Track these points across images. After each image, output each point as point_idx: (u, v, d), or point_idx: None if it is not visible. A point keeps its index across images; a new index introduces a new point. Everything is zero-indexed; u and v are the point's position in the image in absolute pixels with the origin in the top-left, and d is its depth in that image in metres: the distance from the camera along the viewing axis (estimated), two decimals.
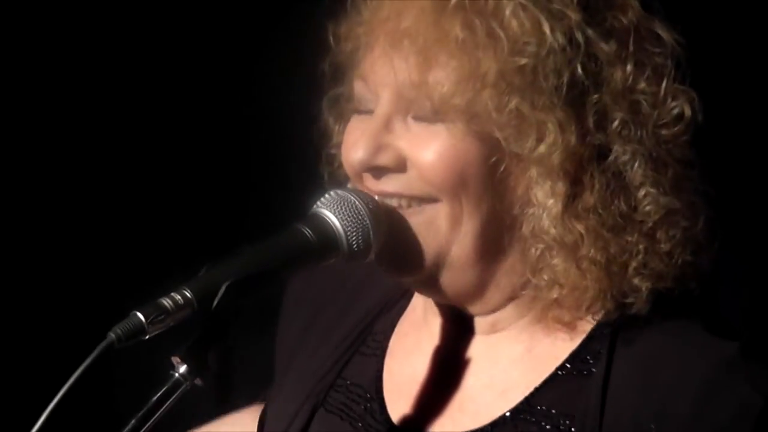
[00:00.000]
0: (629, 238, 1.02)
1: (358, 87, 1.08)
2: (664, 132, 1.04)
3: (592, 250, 1.02)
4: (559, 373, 1.07)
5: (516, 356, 1.11)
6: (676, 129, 1.04)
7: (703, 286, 1.17)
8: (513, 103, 1.01)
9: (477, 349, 1.12)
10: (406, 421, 1.13)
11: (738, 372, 1.00)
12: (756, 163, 2.18)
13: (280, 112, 2.55)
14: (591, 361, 1.06)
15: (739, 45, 2.12)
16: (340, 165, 1.13)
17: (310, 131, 1.18)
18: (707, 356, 1.02)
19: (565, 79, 1.01)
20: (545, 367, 1.08)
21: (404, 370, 1.18)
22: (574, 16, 1.01)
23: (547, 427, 1.05)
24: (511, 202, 1.05)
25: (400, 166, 1.05)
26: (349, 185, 1.11)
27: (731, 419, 0.98)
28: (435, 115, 1.04)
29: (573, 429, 1.04)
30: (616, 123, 1.02)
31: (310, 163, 1.20)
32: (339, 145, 1.14)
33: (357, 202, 1.04)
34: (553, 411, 1.06)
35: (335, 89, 1.16)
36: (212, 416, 1.47)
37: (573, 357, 1.08)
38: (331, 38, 1.12)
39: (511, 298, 1.09)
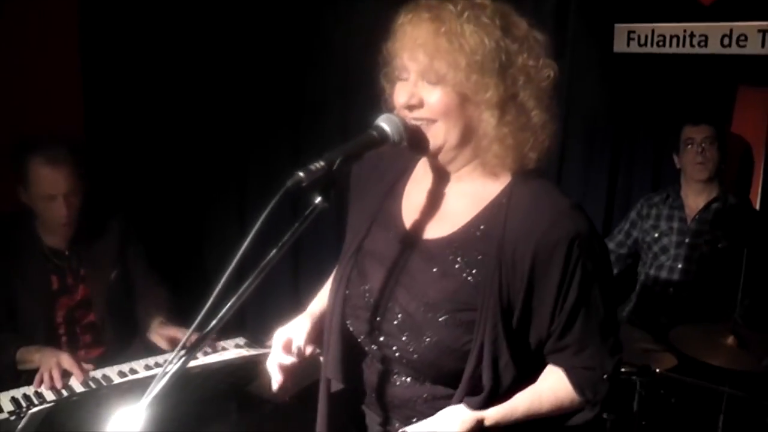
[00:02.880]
0: (527, 134, 1.44)
1: (399, 67, 1.46)
2: (542, 84, 1.45)
3: (510, 140, 1.43)
4: (488, 205, 1.48)
5: (469, 196, 1.49)
6: (547, 82, 1.45)
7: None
8: (474, 77, 1.39)
9: (451, 190, 1.53)
10: (414, 228, 1.54)
11: (569, 213, 1.41)
12: None
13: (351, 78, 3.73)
14: (503, 200, 1.46)
15: None
16: (392, 104, 1.50)
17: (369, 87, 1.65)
18: (558, 203, 1.43)
19: (497, 64, 1.39)
20: (482, 202, 1.48)
21: (412, 203, 1.58)
22: (498, 32, 1.40)
23: (482, 227, 1.46)
24: (472, 120, 1.44)
25: (421, 105, 1.43)
26: (395, 112, 1.48)
27: (562, 235, 1.38)
28: (437, 82, 1.41)
29: (493, 232, 1.43)
30: (520, 82, 1.43)
31: (371, 100, 1.64)
32: (391, 95, 1.51)
33: (395, 119, 1.45)
34: (484, 224, 1.46)
35: (386, 68, 1.53)
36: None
37: (494, 199, 1.47)
38: (385, 46, 1.49)
39: (470, 162, 1.49)
